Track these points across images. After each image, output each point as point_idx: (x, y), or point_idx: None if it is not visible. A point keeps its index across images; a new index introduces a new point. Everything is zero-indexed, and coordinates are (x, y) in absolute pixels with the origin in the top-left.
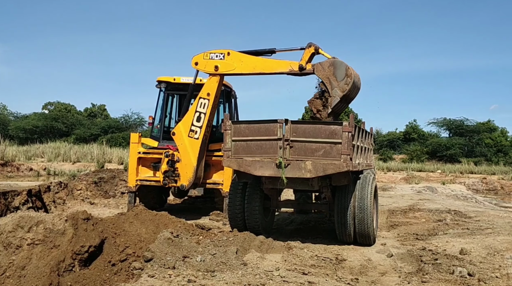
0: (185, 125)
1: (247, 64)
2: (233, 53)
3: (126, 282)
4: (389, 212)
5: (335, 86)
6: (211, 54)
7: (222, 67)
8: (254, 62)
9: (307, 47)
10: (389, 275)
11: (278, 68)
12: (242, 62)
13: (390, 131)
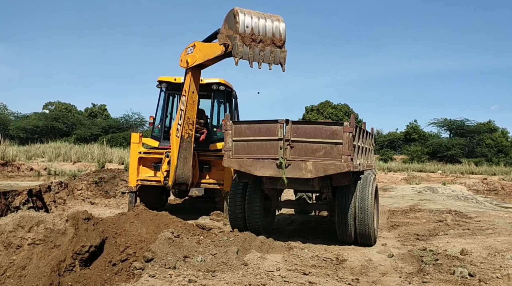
0: (174, 125)
1: (203, 53)
2: (197, 44)
3: (127, 282)
4: (389, 212)
5: (232, 35)
6: (188, 49)
7: (190, 60)
8: (205, 49)
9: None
10: (390, 276)
11: (217, 52)
12: (201, 51)
13: (391, 132)
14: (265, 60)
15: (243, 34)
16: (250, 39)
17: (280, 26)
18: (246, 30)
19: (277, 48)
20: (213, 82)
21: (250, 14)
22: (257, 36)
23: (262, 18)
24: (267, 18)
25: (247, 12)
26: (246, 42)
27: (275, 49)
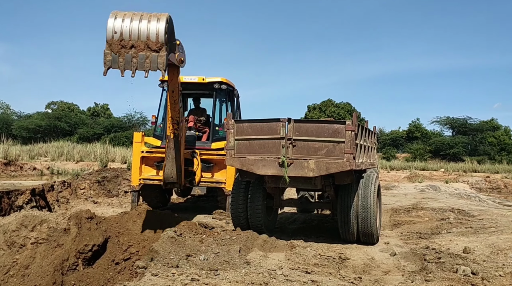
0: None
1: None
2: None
3: (130, 280)
4: (392, 211)
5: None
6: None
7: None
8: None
9: None
10: (393, 274)
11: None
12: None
13: (393, 130)
14: (139, 68)
15: (110, 41)
16: (119, 45)
17: (159, 26)
18: (114, 36)
19: (153, 52)
20: (215, 81)
21: (123, 17)
22: (127, 41)
23: (136, 20)
24: (144, 19)
25: (120, 15)
26: (114, 49)
27: (151, 54)
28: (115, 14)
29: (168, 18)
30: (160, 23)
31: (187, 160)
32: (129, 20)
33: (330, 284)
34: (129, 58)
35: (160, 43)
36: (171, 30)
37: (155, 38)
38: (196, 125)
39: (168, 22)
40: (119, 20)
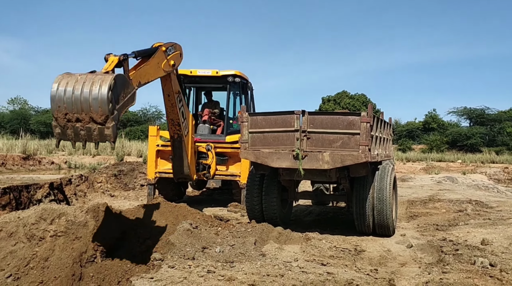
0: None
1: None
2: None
3: (147, 272)
4: (408, 203)
5: None
6: (168, 48)
7: (177, 62)
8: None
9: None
10: (409, 266)
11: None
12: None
13: (409, 121)
14: (88, 140)
15: (56, 114)
16: (64, 119)
17: (101, 96)
18: (58, 109)
19: (99, 125)
20: (228, 74)
21: (65, 86)
22: (72, 115)
23: (78, 90)
24: (86, 87)
25: (63, 84)
26: (60, 123)
27: (97, 127)
28: (59, 81)
29: (112, 84)
30: (102, 91)
31: (201, 153)
32: (71, 89)
33: (346, 276)
34: (77, 131)
35: (105, 115)
36: (121, 87)
37: (97, 109)
38: (210, 118)
39: (112, 88)
40: (62, 89)
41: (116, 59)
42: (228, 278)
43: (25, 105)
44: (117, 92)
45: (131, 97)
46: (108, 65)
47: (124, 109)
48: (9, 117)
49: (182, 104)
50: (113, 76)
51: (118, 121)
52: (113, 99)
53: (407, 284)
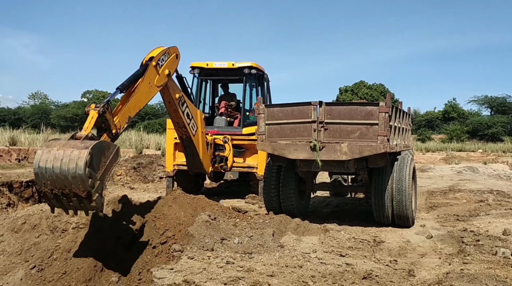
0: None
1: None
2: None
3: (167, 263)
4: (428, 193)
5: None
6: (163, 55)
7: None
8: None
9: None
10: (429, 257)
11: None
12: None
13: (428, 111)
14: (79, 209)
15: (43, 189)
16: (51, 194)
17: (79, 173)
18: (43, 186)
19: (84, 199)
20: (244, 66)
21: (45, 163)
22: (57, 190)
23: (57, 169)
24: (64, 163)
25: (43, 161)
26: (49, 196)
27: (83, 200)
28: (39, 158)
29: (88, 159)
30: (79, 169)
31: (218, 145)
32: (51, 167)
33: (365, 267)
34: (67, 202)
35: (87, 190)
36: (100, 154)
37: (79, 187)
38: (227, 111)
39: (89, 163)
40: (43, 167)
41: (96, 113)
42: (247, 269)
43: (45, 100)
44: (97, 160)
45: (115, 156)
46: (88, 123)
47: (109, 171)
48: (30, 112)
49: (186, 106)
50: (87, 151)
51: (102, 189)
52: (92, 174)
53: (427, 275)
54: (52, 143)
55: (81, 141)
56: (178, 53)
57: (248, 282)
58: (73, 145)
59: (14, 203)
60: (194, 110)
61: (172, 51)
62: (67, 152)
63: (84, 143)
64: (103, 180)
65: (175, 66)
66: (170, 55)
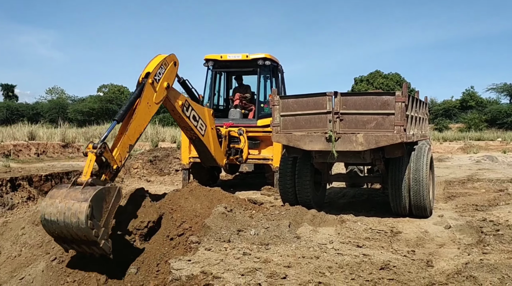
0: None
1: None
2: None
3: (185, 255)
4: (446, 183)
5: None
6: (161, 66)
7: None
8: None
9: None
10: (448, 247)
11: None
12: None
13: (446, 100)
14: (89, 252)
15: (52, 236)
16: (63, 243)
17: (81, 226)
18: (52, 234)
19: (92, 245)
20: (258, 57)
21: (50, 216)
22: (68, 239)
23: (61, 222)
24: (67, 216)
25: (47, 214)
26: (59, 242)
27: (91, 246)
28: (43, 211)
29: (88, 212)
30: (81, 223)
31: (233, 137)
32: (56, 220)
33: (382, 257)
34: (78, 248)
35: (92, 240)
36: (101, 201)
37: (84, 237)
38: (241, 103)
39: (90, 216)
40: (48, 219)
41: (94, 156)
42: (263, 260)
43: (62, 94)
44: (99, 209)
45: (116, 198)
46: (87, 167)
47: (113, 214)
48: (48, 107)
49: (192, 109)
50: (87, 204)
51: (108, 234)
52: (95, 224)
53: (446, 265)
54: (55, 193)
55: (82, 191)
56: (176, 60)
57: (265, 273)
58: (73, 197)
59: (34, 197)
60: (200, 110)
61: (169, 61)
62: (69, 205)
63: (84, 194)
64: (107, 225)
65: (174, 75)
66: (167, 65)
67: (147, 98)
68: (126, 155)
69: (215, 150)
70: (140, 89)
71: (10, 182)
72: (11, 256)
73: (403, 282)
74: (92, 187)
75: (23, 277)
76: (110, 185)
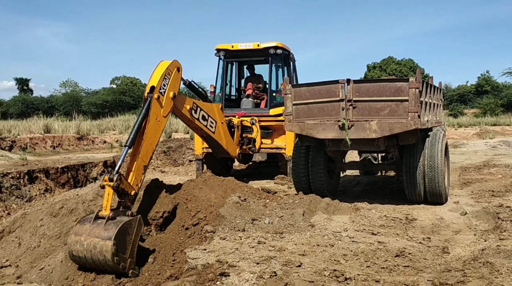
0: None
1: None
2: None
3: (200, 244)
4: (461, 169)
5: None
6: (167, 73)
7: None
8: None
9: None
10: (464, 233)
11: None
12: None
13: (461, 85)
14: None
15: (84, 267)
16: (92, 270)
17: (108, 263)
18: (83, 265)
19: (121, 276)
20: (269, 46)
21: (78, 253)
22: (98, 269)
23: (90, 260)
24: (94, 255)
25: (75, 252)
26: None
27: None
28: (70, 248)
29: (114, 250)
30: (108, 261)
31: (246, 127)
32: (84, 257)
33: (398, 245)
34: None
35: (121, 272)
36: (124, 235)
37: (112, 270)
38: (254, 92)
39: (115, 253)
40: (77, 256)
41: (111, 190)
42: (278, 248)
43: (76, 87)
44: (123, 244)
45: (138, 228)
46: (106, 201)
47: (137, 242)
48: (62, 100)
49: (200, 109)
50: (111, 243)
51: (134, 262)
52: (121, 258)
53: (462, 252)
54: (79, 230)
55: (104, 228)
56: (179, 66)
57: (280, 261)
58: (97, 234)
59: (51, 189)
60: (209, 108)
61: (172, 69)
62: (94, 243)
63: (107, 231)
64: (133, 254)
65: (179, 82)
66: (171, 74)
67: (155, 115)
68: (141, 177)
69: (227, 143)
70: (147, 107)
71: (27, 175)
72: (31, 247)
73: (419, 269)
74: (114, 223)
75: (42, 268)
76: (130, 214)
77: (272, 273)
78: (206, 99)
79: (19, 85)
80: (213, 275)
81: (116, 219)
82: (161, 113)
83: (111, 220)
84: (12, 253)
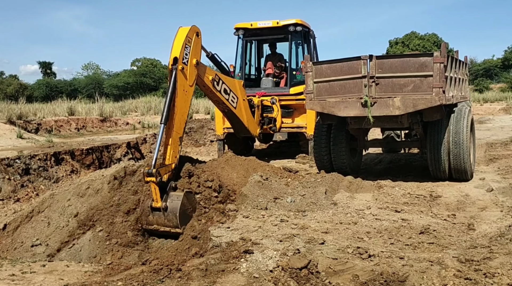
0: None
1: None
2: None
3: (223, 222)
4: (487, 146)
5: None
6: (187, 41)
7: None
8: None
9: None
10: (490, 210)
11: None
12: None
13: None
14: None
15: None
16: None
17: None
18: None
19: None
20: (289, 23)
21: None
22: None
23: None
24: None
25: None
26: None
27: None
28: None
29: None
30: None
31: (266, 106)
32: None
33: (422, 222)
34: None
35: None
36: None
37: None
38: (274, 71)
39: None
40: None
41: (155, 185)
42: (301, 226)
43: (97, 70)
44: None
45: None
46: (155, 195)
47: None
48: (85, 83)
49: (222, 82)
50: (180, 231)
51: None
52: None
53: (488, 228)
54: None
55: (166, 218)
56: (197, 30)
57: (303, 239)
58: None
59: (77, 170)
60: (231, 82)
61: (191, 35)
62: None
63: (170, 222)
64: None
65: (200, 47)
66: (191, 42)
67: (182, 86)
68: (178, 149)
69: (248, 121)
70: (174, 81)
71: (54, 156)
72: (60, 226)
73: (444, 246)
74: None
75: (71, 246)
76: (174, 186)
77: (295, 250)
78: (228, 74)
79: (42, 68)
80: (237, 252)
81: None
82: (187, 83)
83: (164, 209)
84: (42, 232)
